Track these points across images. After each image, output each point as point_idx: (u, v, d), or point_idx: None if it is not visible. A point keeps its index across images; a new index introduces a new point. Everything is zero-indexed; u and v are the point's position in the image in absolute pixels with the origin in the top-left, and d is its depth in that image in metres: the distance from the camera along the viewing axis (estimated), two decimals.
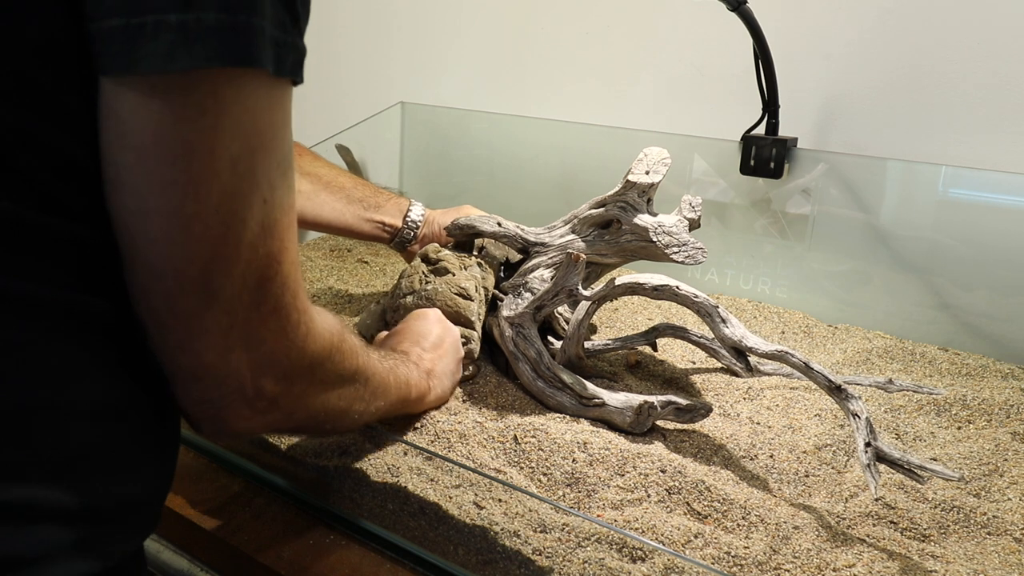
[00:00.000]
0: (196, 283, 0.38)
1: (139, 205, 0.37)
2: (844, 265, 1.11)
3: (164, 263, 0.38)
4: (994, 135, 1.02)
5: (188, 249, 0.37)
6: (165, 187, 0.36)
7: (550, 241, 0.91)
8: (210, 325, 0.40)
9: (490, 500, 0.64)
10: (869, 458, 0.63)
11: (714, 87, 1.22)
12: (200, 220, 0.37)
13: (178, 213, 0.37)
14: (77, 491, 0.38)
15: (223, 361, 0.41)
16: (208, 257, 0.38)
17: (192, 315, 0.39)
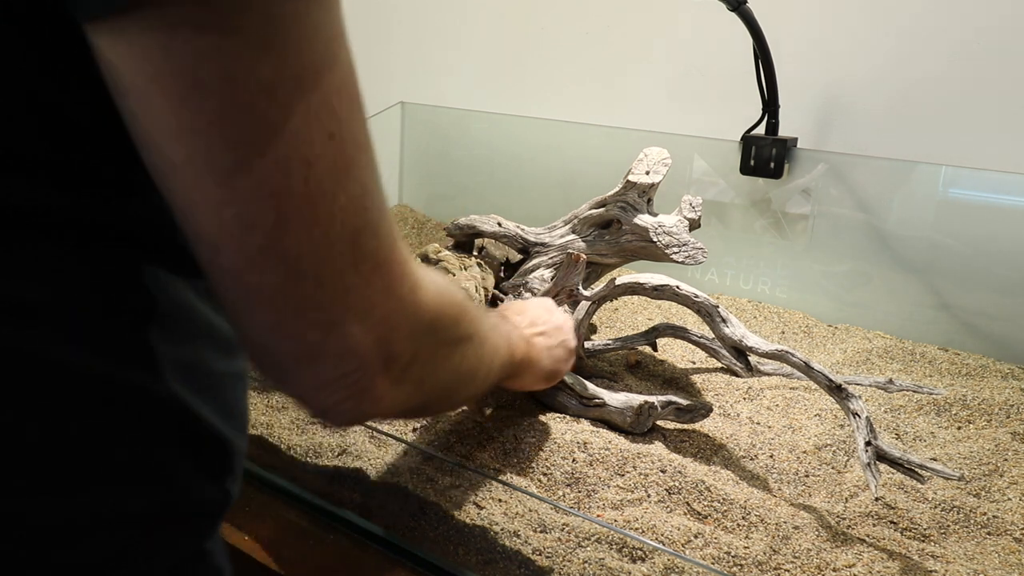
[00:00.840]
0: (265, 252, 0.31)
1: (164, 163, 0.30)
2: (844, 265, 1.11)
3: (217, 233, 0.31)
4: (994, 135, 1.02)
5: (240, 212, 0.30)
6: (183, 136, 0.28)
7: (550, 241, 0.91)
8: (301, 301, 0.32)
9: (490, 500, 0.64)
10: (869, 457, 0.63)
11: (714, 87, 1.22)
12: (243, 172, 0.29)
13: (210, 168, 0.29)
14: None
15: (334, 338, 0.34)
16: (272, 218, 0.30)
17: (274, 292, 0.32)
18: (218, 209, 0.30)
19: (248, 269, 0.31)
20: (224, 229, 0.30)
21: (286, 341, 0.34)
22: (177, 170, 0.29)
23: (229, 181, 0.29)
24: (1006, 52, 1.00)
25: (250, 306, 0.33)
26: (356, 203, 0.32)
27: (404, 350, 0.37)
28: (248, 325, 0.34)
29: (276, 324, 0.33)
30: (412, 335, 0.38)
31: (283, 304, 0.32)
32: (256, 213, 0.30)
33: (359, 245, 0.33)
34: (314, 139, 0.30)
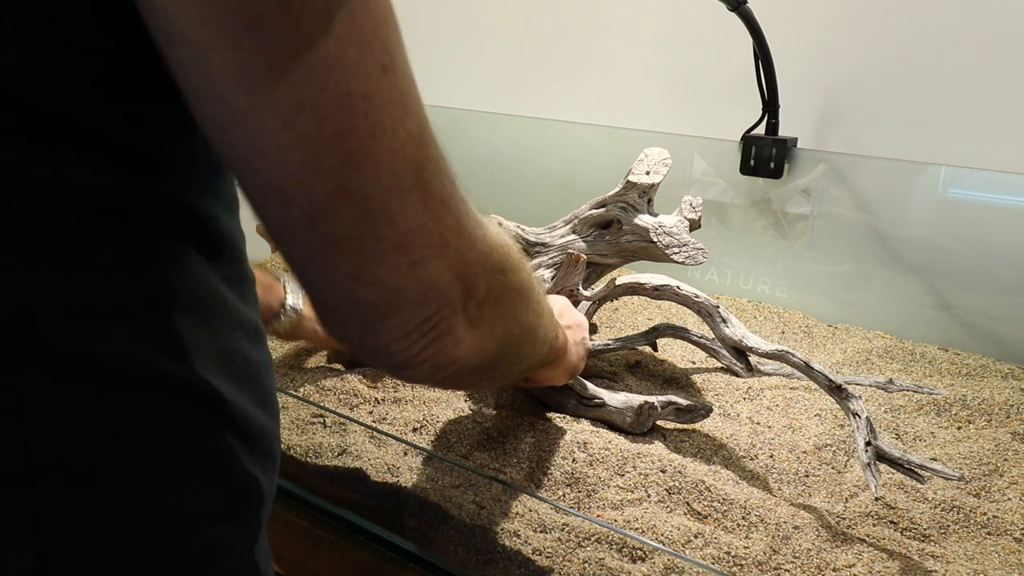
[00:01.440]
0: (336, 196, 0.30)
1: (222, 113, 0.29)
2: (844, 265, 1.11)
3: (285, 181, 0.30)
4: (994, 135, 1.02)
5: (306, 155, 0.29)
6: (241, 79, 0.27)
7: (551, 241, 0.91)
8: (379, 243, 0.31)
9: (490, 500, 0.64)
10: (869, 457, 0.63)
11: (714, 87, 1.22)
12: (306, 112, 0.28)
13: (272, 111, 0.28)
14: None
15: (416, 278, 0.33)
16: (339, 160, 0.29)
17: (350, 237, 0.31)
18: (284, 155, 0.29)
19: (321, 216, 0.30)
20: (293, 176, 0.29)
21: (369, 288, 0.33)
22: (241, 118, 0.28)
23: (293, 122, 0.28)
24: (1006, 52, 1.00)
25: (327, 257, 0.32)
26: (416, 138, 0.32)
27: (479, 286, 0.37)
28: (326, 280, 0.33)
29: (355, 272, 0.32)
30: (485, 272, 0.37)
31: (360, 248, 0.31)
32: (323, 154, 0.29)
33: (424, 181, 0.32)
34: (370, 72, 0.29)
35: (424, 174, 0.32)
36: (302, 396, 0.81)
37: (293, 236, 0.32)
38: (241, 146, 0.29)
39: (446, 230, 0.34)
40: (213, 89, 0.28)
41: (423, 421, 0.76)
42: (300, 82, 0.28)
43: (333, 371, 0.89)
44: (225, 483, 0.37)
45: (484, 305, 0.38)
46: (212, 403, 0.36)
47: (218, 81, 0.28)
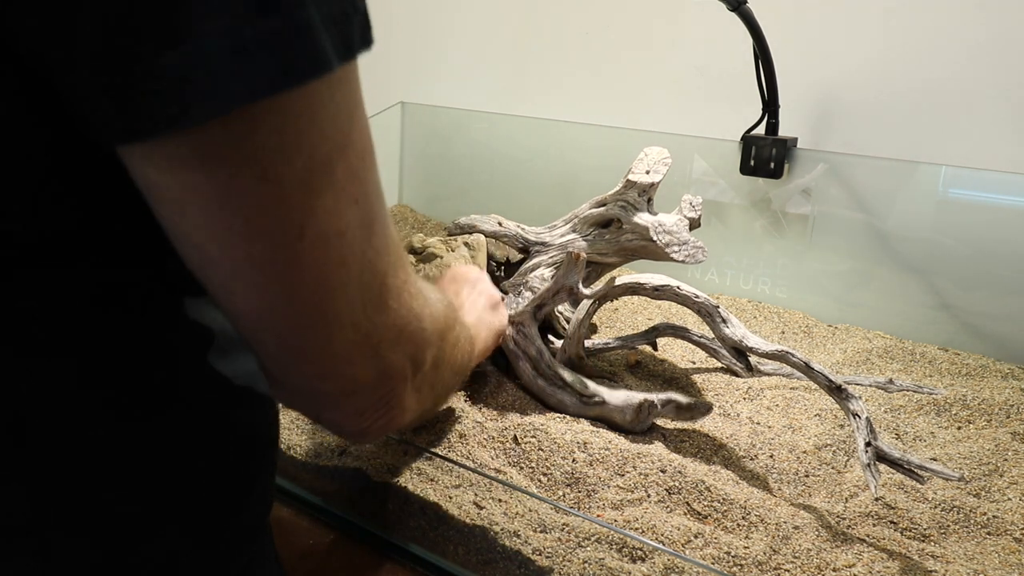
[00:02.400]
0: (309, 317, 0.32)
1: (200, 257, 0.30)
2: (844, 265, 1.11)
3: (259, 313, 0.32)
4: (994, 135, 1.02)
5: (281, 291, 0.31)
6: (220, 237, 0.29)
7: (551, 240, 0.91)
8: (344, 348, 0.34)
9: (490, 500, 0.64)
10: (869, 458, 0.63)
11: (714, 87, 1.22)
12: (282, 258, 0.30)
13: (248, 261, 0.29)
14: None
15: (372, 368, 0.36)
16: (311, 290, 0.31)
17: (320, 348, 0.33)
18: (259, 292, 0.31)
19: (292, 335, 0.33)
20: (266, 308, 0.31)
21: (331, 382, 0.35)
22: (216, 264, 0.30)
23: (269, 268, 0.30)
24: (1006, 52, 1.00)
25: (296, 363, 0.34)
26: (380, 251, 0.34)
27: (426, 359, 0.40)
28: (292, 378, 0.36)
29: (321, 372, 0.35)
30: (432, 344, 0.40)
31: (329, 355, 0.34)
32: (296, 289, 0.31)
33: (387, 286, 0.35)
34: (343, 210, 0.31)
35: (387, 280, 0.35)
36: None
37: (264, 346, 0.34)
38: (215, 283, 0.31)
39: (402, 320, 0.37)
40: (193, 239, 0.30)
41: (423, 421, 0.76)
42: (276, 235, 0.29)
43: None
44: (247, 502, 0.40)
45: (429, 371, 0.41)
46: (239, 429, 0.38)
47: (197, 236, 0.29)
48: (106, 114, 0.26)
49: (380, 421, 0.39)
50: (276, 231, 0.29)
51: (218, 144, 0.27)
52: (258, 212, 0.28)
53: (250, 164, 0.27)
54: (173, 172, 0.27)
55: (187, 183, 0.27)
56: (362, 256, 0.32)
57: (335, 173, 0.30)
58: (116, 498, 0.33)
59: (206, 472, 0.37)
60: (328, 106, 0.29)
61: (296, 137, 0.28)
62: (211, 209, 0.28)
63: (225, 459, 0.38)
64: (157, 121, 0.26)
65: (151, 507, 0.35)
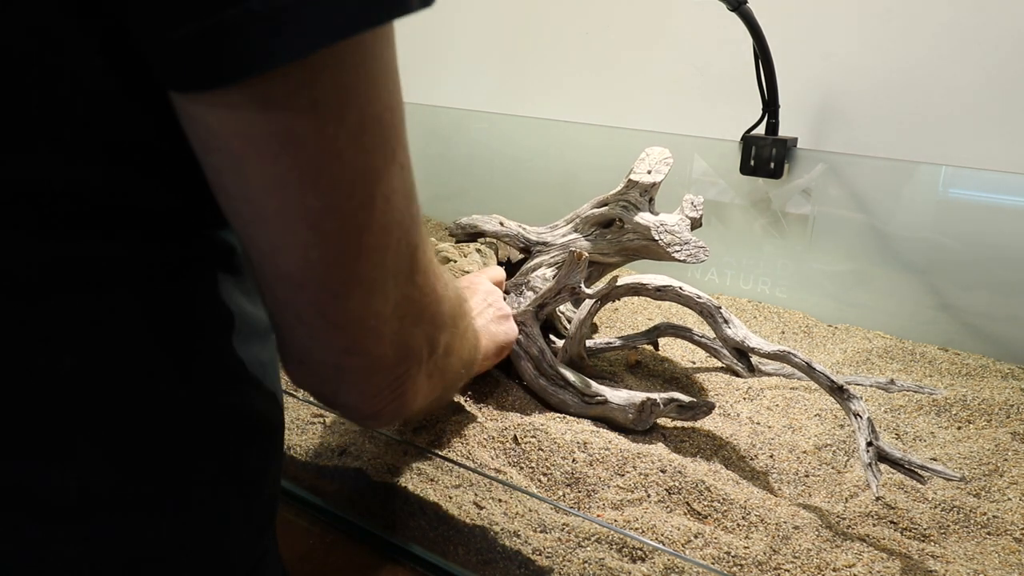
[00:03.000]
0: (348, 283, 0.32)
1: (252, 212, 0.30)
2: (844, 265, 1.11)
3: (302, 273, 0.32)
4: (994, 135, 1.02)
5: (327, 251, 0.31)
6: (276, 189, 0.29)
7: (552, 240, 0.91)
8: (373, 320, 0.34)
9: (490, 500, 0.64)
10: (871, 458, 0.63)
11: (714, 87, 1.22)
12: (332, 215, 0.30)
13: (301, 215, 0.30)
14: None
15: (395, 346, 0.36)
16: (354, 253, 0.31)
17: (352, 318, 0.33)
18: (306, 251, 0.31)
19: (330, 300, 0.32)
20: (310, 268, 0.31)
21: (357, 358, 0.35)
22: (267, 220, 0.30)
23: (319, 225, 0.30)
24: (1006, 52, 1.00)
25: (326, 333, 0.34)
26: (415, 223, 0.34)
27: (440, 342, 0.40)
28: (318, 350, 0.35)
29: (350, 345, 0.34)
30: (446, 327, 0.41)
31: (359, 327, 0.34)
32: (342, 250, 0.31)
33: (416, 260, 0.35)
34: (393, 173, 0.32)
35: (417, 253, 0.35)
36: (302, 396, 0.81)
37: (299, 315, 0.34)
38: (263, 240, 0.31)
39: (426, 298, 0.37)
40: (244, 193, 0.30)
41: (423, 421, 0.76)
42: (329, 191, 0.29)
43: None
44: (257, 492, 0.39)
45: (441, 357, 0.41)
46: (244, 417, 0.38)
47: (249, 188, 0.29)
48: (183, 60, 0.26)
49: (393, 404, 0.39)
50: (329, 186, 0.29)
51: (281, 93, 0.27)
52: (313, 165, 0.28)
53: (308, 115, 0.28)
54: (236, 121, 0.27)
55: (248, 133, 0.28)
56: (401, 224, 0.33)
57: (385, 134, 0.30)
58: (124, 479, 0.33)
59: (215, 458, 0.37)
60: (380, 62, 0.29)
61: (352, 90, 0.28)
62: (268, 160, 0.28)
63: (235, 447, 0.38)
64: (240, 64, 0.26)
65: (161, 489, 0.35)
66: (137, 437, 0.33)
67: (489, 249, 0.93)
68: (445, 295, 0.40)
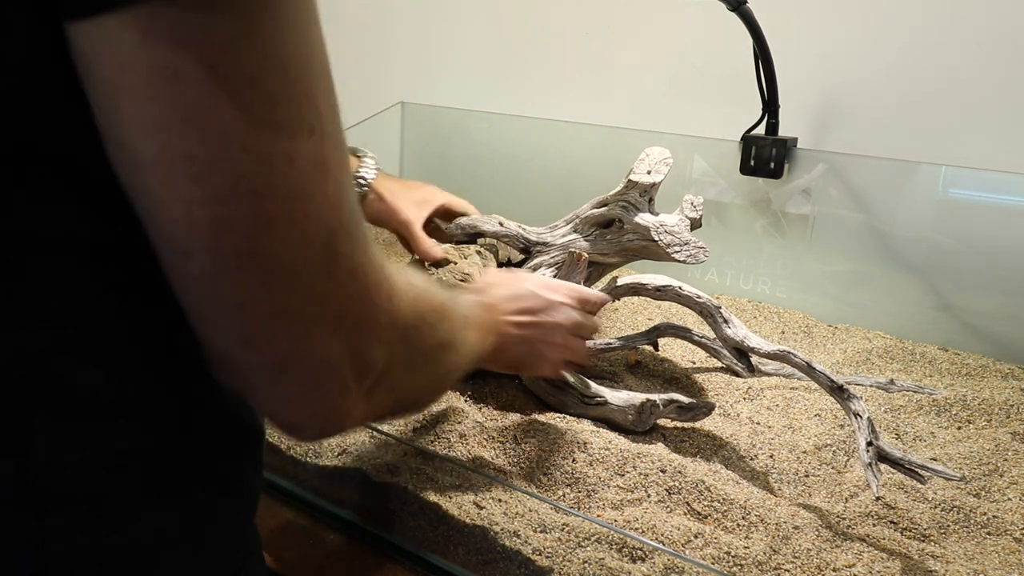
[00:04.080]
0: (239, 255, 0.29)
1: (132, 159, 0.28)
2: (844, 265, 1.11)
3: (188, 235, 0.28)
4: (994, 135, 1.02)
5: (216, 210, 0.28)
6: (156, 131, 0.26)
7: (552, 240, 0.91)
8: (273, 309, 0.30)
9: (490, 500, 0.64)
10: (871, 457, 0.63)
11: (714, 87, 1.22)
12: (219, 169, 0.27)
13: (183, 164, 0.27)
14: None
15: (305, 349, 0.32)
16: (249, 218, 0.28)
17: (245, 300, 0.30)
18: (190, 208, 0.28)
19: (220, 274, 0.29)
20: (196, 230, 0.28)
21: (255, 353, 0.32)
22: (147, 167, 0.27)
23: (205, 178, 0.27)
24: (1006, 52, 1.00)
25: (219, 315, 0.31)
26: (333, 203, 0.31)
27: (377, 360, 0.35)
28: (215, 336, 0.32)
29: (245, 335, 0.31)
30: (386, 343, 0.36)
31: (254, 313, 0.30)
32: (232, 213, 0.28)
33: (334, 248, 0.31)
34: (296, 133, 0.28)
35: (335, 241, 0.31)
36: None
37: (187, 289, 0.31)
38: (147, 195, 0.28)
39: (348, 300, 0.33)
40: (122, 135, 0.27)
41: (423, 421, 0.76)
42: (219, 138, 0.27)
43: None
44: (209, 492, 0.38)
45: (383, 376, 0.36)
46: (201, 418, 0.37)
47: (129, 129, 0.27)
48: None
49: (315, 420, 0.35)
50: (216, 134, 0.27)
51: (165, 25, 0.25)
52: (198, 108, 0.26)
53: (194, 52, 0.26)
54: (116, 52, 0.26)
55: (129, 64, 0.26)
56: (310, 200, 0.30)
57: (289, 87, 0.28)
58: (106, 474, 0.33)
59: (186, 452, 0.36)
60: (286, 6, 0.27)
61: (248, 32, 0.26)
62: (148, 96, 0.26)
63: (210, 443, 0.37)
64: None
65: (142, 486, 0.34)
66: (101, 427, 0.33)
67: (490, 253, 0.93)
68: (384, 306, 0.35)
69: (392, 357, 0.36)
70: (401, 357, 0.38)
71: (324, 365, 0.33)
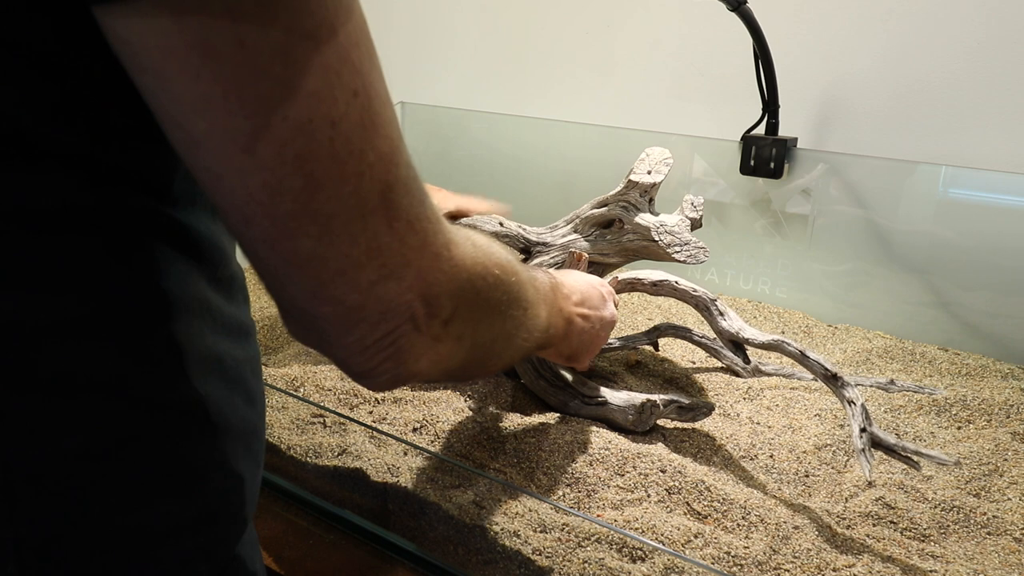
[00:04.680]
0: (297, 217, 0.30)
1: (187, 137, 0.29)
2: (844, 265, 1.11)
3: (246, 203, 0.30)
4: (994, 135, 1.02)
5: (267, 178, 0.29)
6: (203, 108, 0.28)
7: (552, 241, 0.91)
8: (339, 263, 0.32)
9: (490, 500, 0.64)
10: (864, 443, 0.63)
11: (714, 87, 1.22)
12: (266, 139, 0.28)
13: (231, 137, 0.28)
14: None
15: (373, 298, 0.33)
16: (299, 182, 0.29)
17: (310, 257, 0.31)
18: (244, 178, 0.29)
19: (281, 236, 0.31)
20: (253, 198, 0.30)
21: (326, 305, 0.33)
22: (200, 144, 0.29)
23: (252, 148, 0.28)
24: (1006, 52, 1.00)
25: (287, 274, 0.32)
26: (385, 159, 0.32)
27: (443, 306, 0.37)
28: (287, 294, 0.34)
29: (315, 289, 0.33)
30: (451, 292, 0.37)
31: (320, 268, 0.32)
32: (283, 178, 0.29)
33: (390, 202, 0.32)
34: (337, 97, 0.29)
35: (391, 195, 0.32)
36: (302, 396, 0.81)
37: (255, 252, 0.32)
38: (203, 169, 0.30)
39: (409, 251, 0.34)
40: (175, 116, 0.29)
41: (423, 421, 0.76)
42: (258, 111, 0.28)
43: (333, 370, 0.89)
44: (205, 490, 0.37)
45: (451, 322, 0.38)
46: (194, 412, 0.36)
47: (179, 109, 0.28)
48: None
49: (388, 363, 0.36)
50: (257, 105, 0.28)
51: (198, 3, 0.26)
52: (236, 81, 0.27)
53: (225, 23, 0.26)
54: (153, 34, 0.26)
55: (166, 46, 0.27)
56: (361, 156, 0.30)
57: (323, 53, 0.28)
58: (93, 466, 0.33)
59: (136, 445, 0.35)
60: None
61: (274, 2, 0.27)
62: (190, 75, 0.27)
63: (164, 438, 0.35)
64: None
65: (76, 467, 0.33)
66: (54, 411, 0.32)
67: None
68: (446, 255, 0.36)
69: (458, 305, 0.38)
70: (468, 307, 0.39)
71: (392, 313, 0.35)
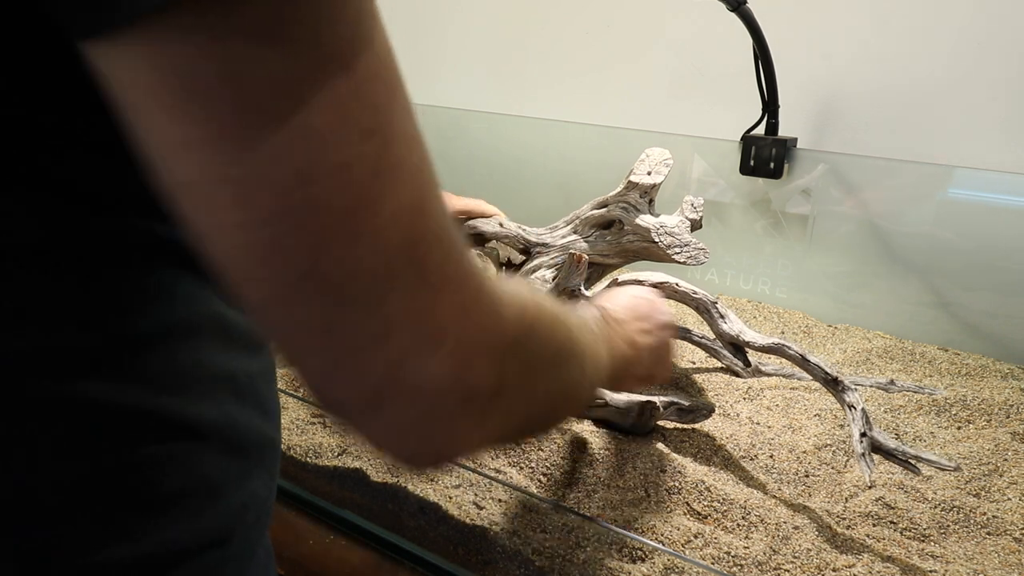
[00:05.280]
0: (303, 279, 0.26)
1: (175, 183, 0.26)
2: (844, 265, 1.11)
3: (243, 262, 0.26)
4: (994, 135, 1.02)
5: (266, 233, 0.25)
6: (191, 150, 0.24)
7: (552, 241, 0.91)
8: (355, 335, 0.27)
9: (490, 500, 0.64)
10: (864, 447, 0.63)
11: (714, 87, 1.22)
12: (263, 185, 0.24)
13: (226, 182, 0.24)
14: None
15: (401, 376, 0.28)
16: (304, 237, 0.25)
17: (320, 328, 0.27)
18: (238, 233, 0.25)
19: (285, 302, 0.26)
20: (250, 256, 0.25)
21: (343, 385, 0.28)
22: (190, 191, 0.25)
23: (247, 198, 0.24)
24: (1006, 52, 1.00)
25: (297, 347, 0.28)
26: (410, 210, 0.27)
27: (486, 379, 0.31)
28: (300, 370, 0.29)
29: (329, 366, 0.28)
30: (495, 361, 0.32)
31: (334, 341, 0.27)
32: (284, 234, 0.25)
33: (419, 259, 0.27)
34: (348, 139, 0.25)
35: (419, 251, 0.27)
36: (302, 396, 0.81)
37: (260, 321, 0.28)
38: (196, 221, 0.26)
39: (445, 315, 0.29)
40: (163, 160, 0.25)
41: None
42: (255, 153, 0.24)
43: None
44: (218, 509, 0.36)
45: (497, 397, 0.32)
46: (207, 433, 0.35)
47: (168, 153, 0.25)
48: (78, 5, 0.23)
49: (425, 449, 0.31)
50: (252, 149, 0.24)
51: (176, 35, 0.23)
52: (227, 123, 0.24)
53: (217, 58, 0.23)
54: (134, 71, 0.24)
55: (149, 84, 0.24)
56: (378, 209, 0.26)
57: (333, 88, 0.24)
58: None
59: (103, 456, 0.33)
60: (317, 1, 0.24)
61: (265, 27, 0.23)
62: (174, 116, 0.24)
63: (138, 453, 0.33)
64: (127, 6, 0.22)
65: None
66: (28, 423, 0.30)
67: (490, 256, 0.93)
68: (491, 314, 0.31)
69: (504, 373, 0.32)
70: (516, 374, 0.34)
71: (426, 393, 0.29)
